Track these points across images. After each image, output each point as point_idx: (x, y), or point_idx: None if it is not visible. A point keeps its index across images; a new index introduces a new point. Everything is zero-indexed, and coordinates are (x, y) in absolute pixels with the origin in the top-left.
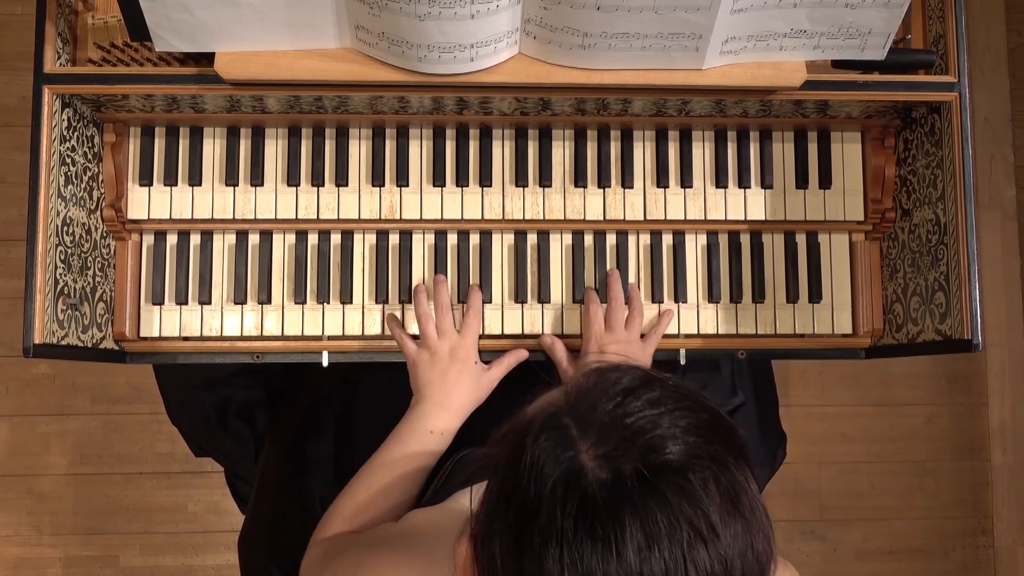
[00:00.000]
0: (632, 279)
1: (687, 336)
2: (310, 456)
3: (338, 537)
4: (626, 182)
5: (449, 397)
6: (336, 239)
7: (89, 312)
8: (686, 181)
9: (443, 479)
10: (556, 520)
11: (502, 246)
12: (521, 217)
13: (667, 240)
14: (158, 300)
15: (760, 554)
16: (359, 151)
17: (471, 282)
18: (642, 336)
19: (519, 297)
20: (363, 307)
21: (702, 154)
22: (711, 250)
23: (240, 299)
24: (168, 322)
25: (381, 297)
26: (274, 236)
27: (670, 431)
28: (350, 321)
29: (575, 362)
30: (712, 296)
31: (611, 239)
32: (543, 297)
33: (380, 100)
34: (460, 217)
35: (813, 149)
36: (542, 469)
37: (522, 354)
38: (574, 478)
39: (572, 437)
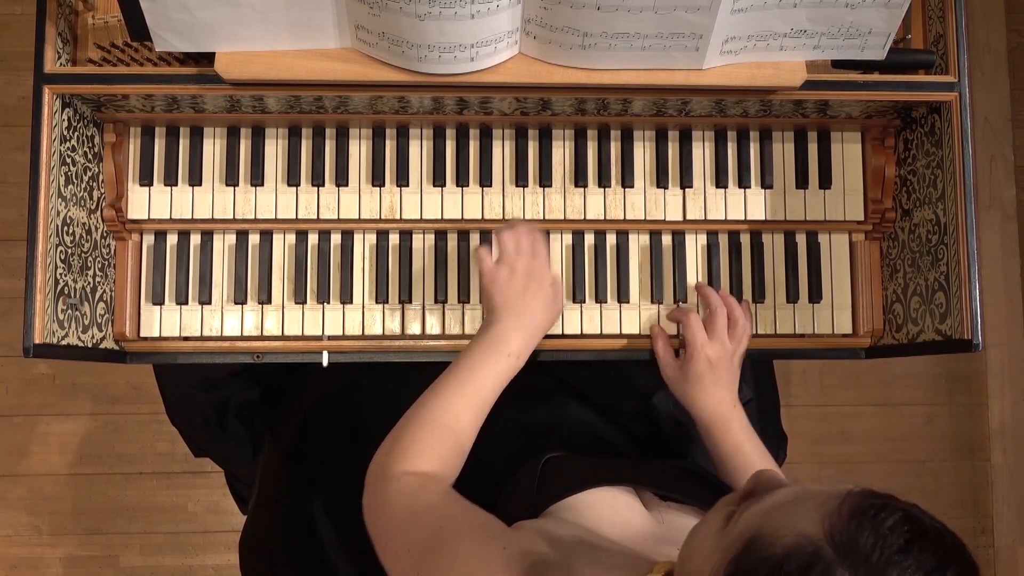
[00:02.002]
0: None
1: None
2: (310, 457)
3: (426, 483)
4: (626, 182)
5: (526, 316)
6: (336, 239)
7: (89, 312)
8: (686, 181)
9: (535, 483)
10: None
11: None
12: (521, 217)
13: (667, 240)
14: (158, 300)
15: None
16: (359, 151)
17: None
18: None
19: None
20: (363, 307)
21: (702, 154)
22: (711, 250)
23: (240, 299)
24: (168, 322)
25: (381, 297)
26: (274, 236)
27: None
28: (350, 321)
29: (678, 363)
30: None
31: (611, 239)
32: None
33: (380, 100)
34: (460, 217)
35: (813, 149)
36: None
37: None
38: None
39: None
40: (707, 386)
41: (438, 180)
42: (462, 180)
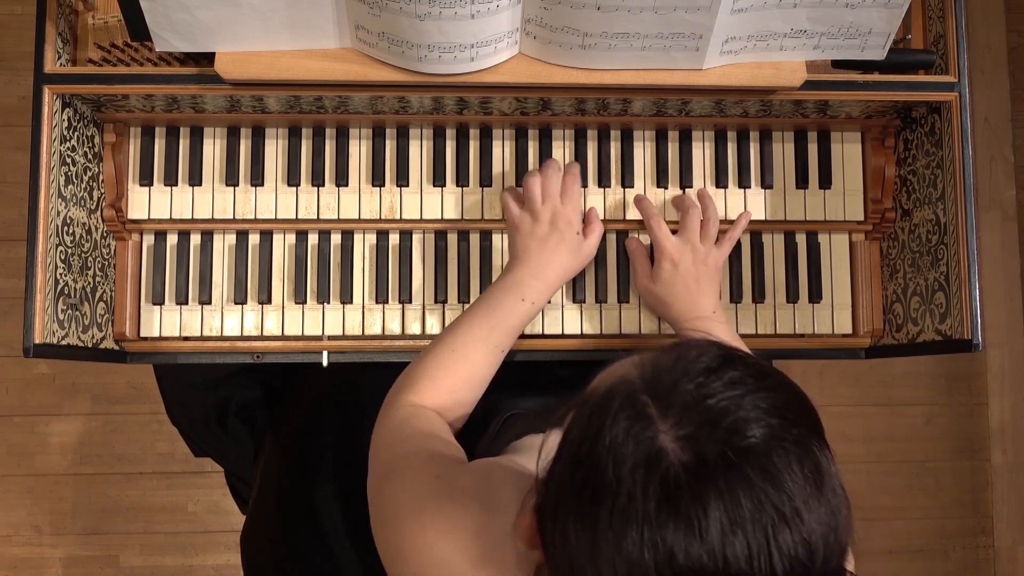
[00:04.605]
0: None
1: None
2: (312, 455)
3: (420, 412)
4: (626, 182)
5: (545, 268)
6: (336, 239)
7: (89, 312)
8: (686, 181)
9: (492, 439)
10: (637, 502)
11: (503, 246)
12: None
13: None
14: (158, 300)
15: (841, 536)
16: (359, 151)
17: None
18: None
19: None
20: (363, 307)
21: (702, 154)
22: None
23: (240, 299)
24: (168, 322)
25: (381, 297)
26: (274, 236)
27: (753, 413)
28: (350, 321)
29: (652, 269)
30: None
31: (612, 239)
32: None
33: (380, 100)
34: (460, 217)
35: (813, 149)
36: (620, 449)
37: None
38: (655, 460)
39: (651, 417)
40: (679, 293)
41: (438, 180)
42: (462, 180)
